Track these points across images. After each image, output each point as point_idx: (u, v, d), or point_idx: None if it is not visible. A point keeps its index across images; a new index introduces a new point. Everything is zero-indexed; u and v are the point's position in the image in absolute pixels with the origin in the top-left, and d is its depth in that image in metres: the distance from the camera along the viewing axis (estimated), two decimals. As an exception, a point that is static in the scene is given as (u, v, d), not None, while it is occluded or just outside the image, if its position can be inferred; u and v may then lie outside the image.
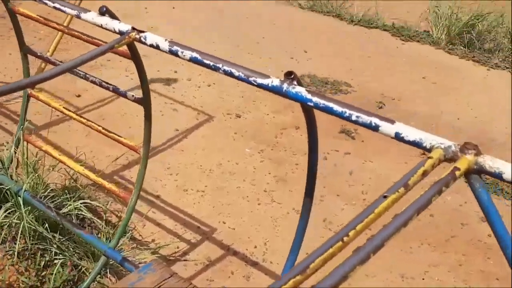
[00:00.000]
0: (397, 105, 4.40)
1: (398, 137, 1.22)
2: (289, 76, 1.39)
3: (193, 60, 1.56)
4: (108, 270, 2.50)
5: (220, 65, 1.51)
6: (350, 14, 6.10)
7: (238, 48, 5.01)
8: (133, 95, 2.17)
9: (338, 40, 5.53)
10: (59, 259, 2.44)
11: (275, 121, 3.95)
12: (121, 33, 1.71)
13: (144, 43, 1.69)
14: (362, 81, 4.70)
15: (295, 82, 1.39)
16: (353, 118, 1.28)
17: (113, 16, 1.79)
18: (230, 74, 1.49)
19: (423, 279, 2.80)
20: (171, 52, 1.61)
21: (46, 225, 2.56)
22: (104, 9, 1.77)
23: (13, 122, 3.62)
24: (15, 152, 2.72)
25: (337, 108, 1.31)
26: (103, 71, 4.30)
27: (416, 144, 1.18)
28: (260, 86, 1.44)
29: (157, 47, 1.65)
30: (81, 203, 2.66)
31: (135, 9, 5.68)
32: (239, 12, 5.93)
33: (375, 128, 1.25)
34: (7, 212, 2.53)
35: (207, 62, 1.53)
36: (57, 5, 1.86)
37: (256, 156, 3.58)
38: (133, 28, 1.71)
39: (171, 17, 5.60)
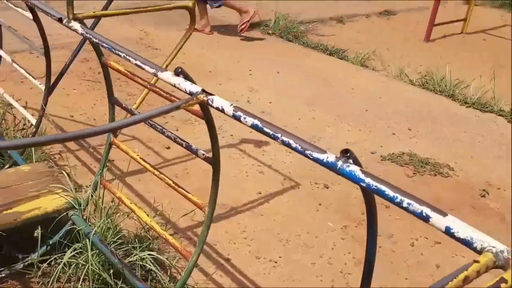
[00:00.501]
0: (502, 196, 4.15)
1: (448, 232, 1.15)
2: (345, 154, 1.38)
3: (254, 127, 1.61)
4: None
5: (279, 135, 1.54)
6: (464, 95, 5.94)
7: (338, 119, 5.02)
8: (203, 154, 2.23)
9: (446, 121, 5.38)
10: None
11: (364, 197, 3.86)
12: (191, 93, 1.80)
13: (211, 106, 1.77)
14: (466, 166, 4.51)
15: (350, 161, 1.37)
16: (404, 204, 1.23)
17: (187, 77, 1.90)
18: (288, 145, 1.52)
19: None
20: (234, 117, 1.67)
21: (111, 271, 2.65)
22: (179, 70, 1.88)
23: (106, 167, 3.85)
24: (92, 196, 2.87)
25: (389, 192, 1.26)
26: (196, 126, 4.48)
27: (466, 243, 1.11)
28: (315, 160, 1.45)
29: (222, 111, 1.72)
30: (148, 254, 2.74)
31: (239, 71, 5.92)
32: (345, 83, 5.98)
33: (426, 219, 1.19)
34: (76, 252, 2.66)
35: (267, 130, 1.57)
36: (138, 63, 1.99)
37: (338, 232, 3.50)
38: (203, 90, 1.79)
39: (274, 81, 5.76)
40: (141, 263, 2.70)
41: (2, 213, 2.64)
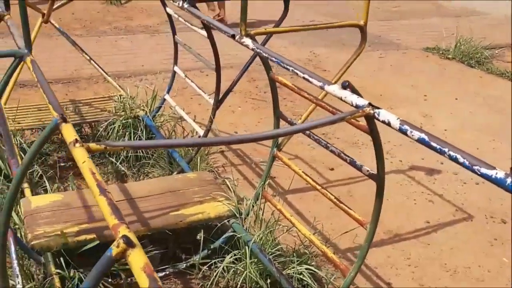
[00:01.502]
0: None
1: None
2: (516, 171, 1.42)
3: (420, 141, 1.70)
4: None
5: (446, 149, 1.61)
6: None
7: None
8: (368, 170, 2.33)
9: None
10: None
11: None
12: (357, 106, 1.93)
13: (377, 119, 1.89)
14: None
15: (521, 178, 1.41)
16: None
17: (354, 91, 2.03)
18: (455, 160, 1.58)
19: None
20: (401, 130, 1.78)
21: (268, 280, 2.84)
22: (347, 83, 2.03)
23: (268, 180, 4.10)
24: (253, 206, 3.09)
25: None
26: (362, 150, 4.59)
27: None
28: (483, 176, 1.50)
29: (388, 124, 1.84)
30: (305, 269, 2.89)
31: (413, 95, 5.94)
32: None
33: None
34: (235, 258, 2.89)
35: (433, 144, 1.66)
36: (306, 76, 2.17)
37: (515, 270, 3.39)
38: (369, 104, 1.91)
39: (451, 108, 5.69)
40: (298, 276, 2.85)
41: (170, 214, 2.95)
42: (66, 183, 3.87)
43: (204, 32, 3.44)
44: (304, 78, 2.21)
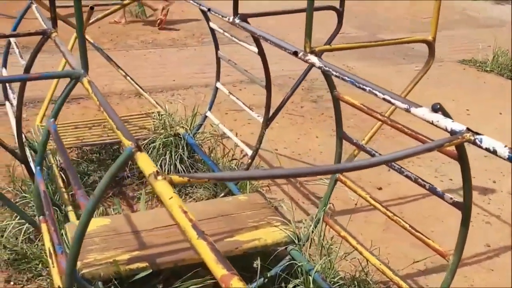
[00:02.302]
0: None
1: None
2: None
3: None
4: None
5: None
6: None
7: None
8: (451, 198, 2.18)
9: None
10: None
11: None
12: (452, 132, 1.78)
13: (479, 146, 1.74)
14: None
15: None
16: None
17: (446, 114, 1.88)
18: None
19: None
20: (510, 159, 1.61)
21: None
22: (438, 106, 1.88)
23: (309, 201, 3.95)
24: (312, 232, 2.94)
25: None
26: (409, 168, 4.42)
27: None
28: None
29: (493, 152, 1.69)
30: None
31: (454, 110, 5.74)
32: None
33: None
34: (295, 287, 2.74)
35: None
36: (387, 97, 2.03)
37: None
38: (468, 129, 1.76)
39: (495, 123, 5.51)
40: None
41: (224, 241, 2.81)
42: (107, 203, 3.75)
43: (254, 48, 3.31)
44: (384, 99, 2.06)
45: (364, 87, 2.15)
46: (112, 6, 4.61)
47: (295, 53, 2.52)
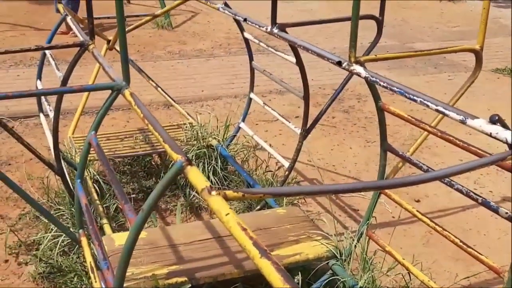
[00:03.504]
0: None
1: None
2: None
3: None
4: None
5: None
6: None
7: None
8: (506, 212, 2.11)
9: None
10: None
11: None
12: (512, 145, 1.73)
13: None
14: None
15: None
16: None
17: (505, 126, 1.82)
18: None
19: None
20: None
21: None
22: (496, 117, 1.82)
23: (345, 214, 3.89)
24: (355, 246, 2.88)
25: None
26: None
27: None
28: None
29: None
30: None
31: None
32: None
33: None
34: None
35: None
36: (440, 109, 1.97)
37: None
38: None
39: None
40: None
41: (264, 255, 2.76)
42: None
43: (292, 58, 3.27)
44: (437, 110, 2.00)
45: (415, 98, 2.09)
46: (143, 17, 4.62)
47: (339, 63, 2.48)
